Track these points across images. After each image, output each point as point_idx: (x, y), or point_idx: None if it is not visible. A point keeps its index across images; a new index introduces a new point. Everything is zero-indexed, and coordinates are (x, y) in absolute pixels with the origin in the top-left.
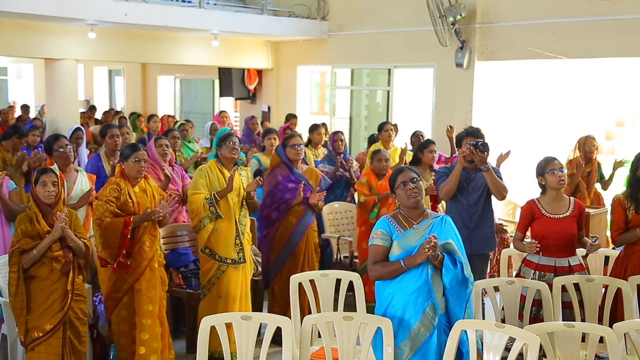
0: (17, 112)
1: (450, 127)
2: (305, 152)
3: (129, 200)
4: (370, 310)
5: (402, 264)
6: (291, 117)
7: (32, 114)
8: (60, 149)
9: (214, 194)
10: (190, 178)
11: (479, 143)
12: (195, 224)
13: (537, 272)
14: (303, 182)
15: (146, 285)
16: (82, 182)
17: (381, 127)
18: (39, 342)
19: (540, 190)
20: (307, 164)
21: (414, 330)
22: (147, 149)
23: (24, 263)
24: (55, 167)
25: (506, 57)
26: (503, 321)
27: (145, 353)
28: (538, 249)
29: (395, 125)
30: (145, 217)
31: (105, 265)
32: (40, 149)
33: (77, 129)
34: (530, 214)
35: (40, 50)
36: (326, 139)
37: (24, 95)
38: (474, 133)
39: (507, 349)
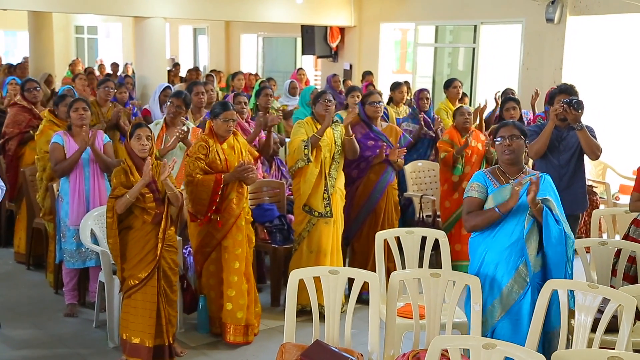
0: (102, 72)
1: (536, 93)
2: (387, 110)
3: (217, 158)
4: (454, 268)
5: (497, 210)
6: (367, 75)
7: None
8: (168, 103)
9: (311, 135)
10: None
11: (574, 101)
12: (291, 164)
13: None
14: (384, 142)
15: (233, 242)
16: None
17: (449, 84)
18: (135, 290)
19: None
20: (387, 122)
21: (506, 289)
22: None
23: (117, 207)
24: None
25: (601, 11)
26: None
27: (232, 309)
28: None
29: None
30: (237, 174)
31: (195, 221)
32: (129, 105)
33: (167, 87)
34: None
35: (130, 9)
36: (408, 98)
37: (112, 54)
38: (567, 90)
39: (600, 310)
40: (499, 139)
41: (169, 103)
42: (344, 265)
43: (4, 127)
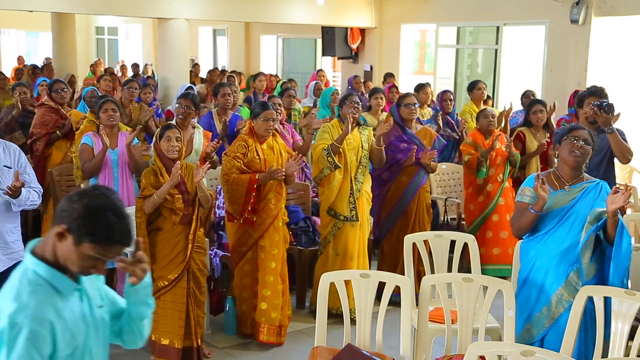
0: (124, 74)
1: (553, 106)
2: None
3: (256, 157)
4: (483, 273)
5: (531, 209)
6: (388, 77)
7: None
8: (177, 105)
9: (330, 144)
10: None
11: (604, 103)
12: (316, 174)
13: None
14: (417, 145)
15: (270, 242)
16: (197, 140)
17: (473, 86)
18: (164, 291)
19: None
20: (422, 124)
21: (555, 296)
22: None
23: (145, 207)
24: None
25: (627, 12)
26: None
27: (267, 309)
28: None
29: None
30: (269, 175)
31: (232, 220)
32: (154, 106)
33: (189, 87)
34: None
35: (152, 10)
36: (432, 99)
37: (131, 55)
38: (597, 93)
39: (637, 318)
40: (572, 138)
41: (177, 105)
42: (370, 269)
43: (31, 127)
